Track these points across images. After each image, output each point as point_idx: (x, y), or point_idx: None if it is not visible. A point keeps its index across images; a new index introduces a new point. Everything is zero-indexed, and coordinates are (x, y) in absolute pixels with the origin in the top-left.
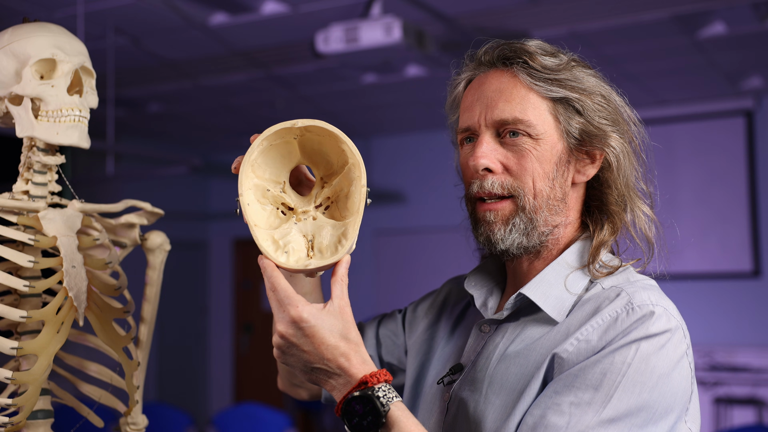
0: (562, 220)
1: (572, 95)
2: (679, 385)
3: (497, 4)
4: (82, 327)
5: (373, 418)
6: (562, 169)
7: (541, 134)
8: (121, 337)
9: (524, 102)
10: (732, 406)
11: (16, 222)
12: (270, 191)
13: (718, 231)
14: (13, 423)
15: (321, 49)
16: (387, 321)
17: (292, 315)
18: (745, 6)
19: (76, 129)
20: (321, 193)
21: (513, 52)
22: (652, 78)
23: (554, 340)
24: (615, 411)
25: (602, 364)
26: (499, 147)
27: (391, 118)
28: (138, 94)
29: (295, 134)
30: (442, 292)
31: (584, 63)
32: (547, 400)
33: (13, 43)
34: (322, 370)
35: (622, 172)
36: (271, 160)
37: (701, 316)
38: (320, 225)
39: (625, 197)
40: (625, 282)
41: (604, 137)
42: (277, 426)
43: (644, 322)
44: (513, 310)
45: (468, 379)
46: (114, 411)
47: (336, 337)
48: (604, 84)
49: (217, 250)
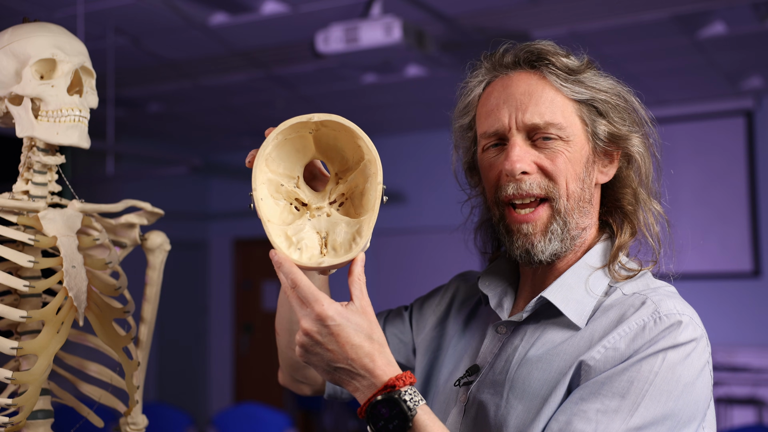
0: (588, 222)
1: (597, 96)
2: (702, 393)
3: (497, 4)
4: (82, 327)
5: (400, 422)
6: (589, 169)
7: (571, 136)
8: (121, 337)
9: (554, 104)
10: (732, 406)
11: (16, 222)
12: (284, 186)
13: (718, 231)
14: (13, 423)
15: (321, 49)
16: (393, 318)
17: (318, 312)
18: (745, 6)
19: (76, 129)
20: (336, 189)
21: (537, 53)
22: (652, 78)
23: (578, 347)
24: (642, 419)
25: (629, 372)
26: (531, 149)
27: (391, 118)
28: (138, 94)
29: (311, 128)
30: (449, 289)
31: (596, 65)
32: (573, 407)
33: (13, 43)
34: (346, 370)
35: (643, 171)
36: (286, 155)
37: (701, 316)
38: (334, 222)
39: (639, 197)
40: (646, 288)
41: (626, 137)
42: (277, 426)
43: (672, 331)
44: (532, 313)
45: (487, 382)
46: (114, 411)
47: (361, 336)
48: (620, 85)
49: (217, 250)
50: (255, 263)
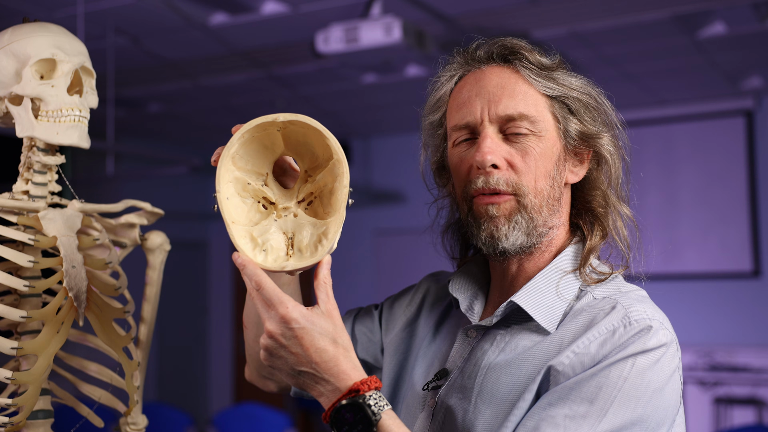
0: (557, 221)
1: (569, 94)
2: (671, 399)
3: (497, 4)
4: (82, 327)
5: (364, 426)
6: (560, 168)
7: (543, 131)
8: (121, 337)
9: (527, 97)
10: (732, 406)
11: (16, 222)
12: (251, 185)
13: (718, 231)
14: (13, 423)
15: (321, 49)
16: (363, 317)
17: (282, 314)
18: (745, 6)
19: (76, 129)
20: (304, 188)
21: (510, 48)
22: (652, 78)
23: (548, 352)
24: (610, 425)
25: (598, 377)
26: (503, 144)
27: (391, 118)
28: (138, 94)
29: (278, 126)
30: (420, 289)
31: (566, 66)
32: (541, 412)
33: (13, 43)
34: (310, 374)
35: (613, 173)
36: (254, 151)
37: (701, 316)
38: (301, 223)
39: (609, 199)
40: (616, 292)
41: (597, 137)
42: (277, 426)
43: (642, 336)
44: (502, 317)
45: (456, 386)
46: (114, 411)
47: (326, 340)
48: (591, 85)
49: (217, 250)
50: None
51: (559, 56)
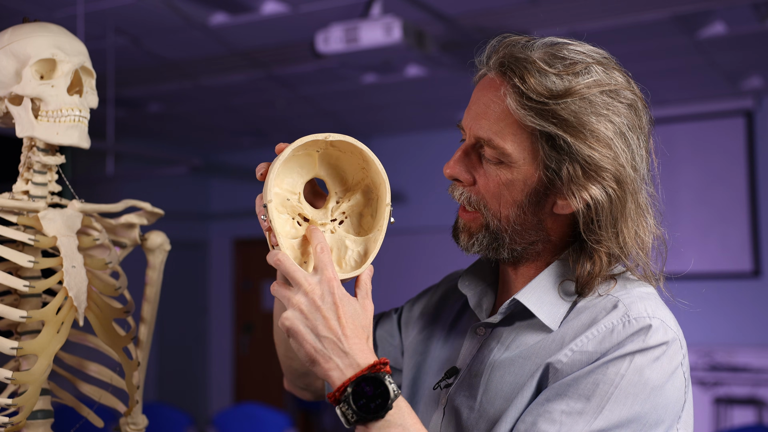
0: (541, 236)
1: (559, 133)
2: (672, 397)
3: (497, 4)
4: (82, 327)
5: (382, 401)
6: (536, 198)
7: (515, 163)
8: (121, 337)
9: (505, 127)
10: (732, 406)
11: (16, 222)
12: (289, 201)
13: (718, 231)
14: (13, 423)
15: (321, 49)
16: (384, 321)
17: (328, 276)
18: (745, 6)
19: (76, 129)
20: (337, 208)
21: (511, 63)
22: (652, 78)
23: (548, 349)
24: (606, 422)
25: (595, 374)
26: (476, 160)
27: (391, 118)
28: (138, 94)
29: (320, 147)
30: (439, 290)
31: (613, 90)
32: (538, 408)
33: (13, 43)
34: (332, 343)
35: (603, 220)
36: (290, 170)
37: (701, 316)
38: (340, 239)
39: (609, 235)
40: (621, 290)
41: (583, 185)
42: (277, 426)
43: (640, 335)
44: (506, 315)
45: (464, 384)
46: (114, 411)
47: (357, 321)
48: (626, 127)
49: (217, 250)
50: (255, 263)
51: (592, 78)
